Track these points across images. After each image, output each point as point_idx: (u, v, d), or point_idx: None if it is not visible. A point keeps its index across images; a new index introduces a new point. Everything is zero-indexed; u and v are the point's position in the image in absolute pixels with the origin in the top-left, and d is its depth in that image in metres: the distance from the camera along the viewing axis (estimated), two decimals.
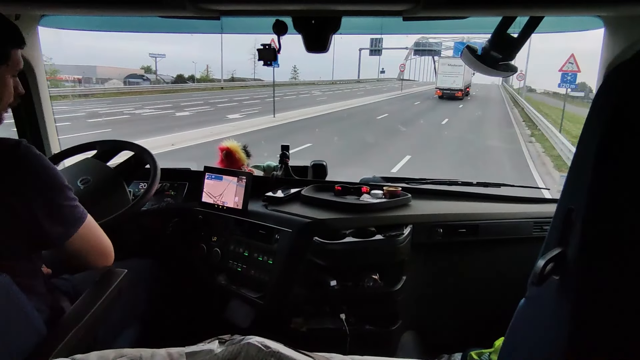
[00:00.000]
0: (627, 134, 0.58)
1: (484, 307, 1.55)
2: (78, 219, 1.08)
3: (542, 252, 0.68)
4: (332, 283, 1.49)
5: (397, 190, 1.66)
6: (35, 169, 1.00)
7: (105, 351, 0.57)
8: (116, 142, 1.64)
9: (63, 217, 1.05)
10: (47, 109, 1.73)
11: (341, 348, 0.67)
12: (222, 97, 25.51)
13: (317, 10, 1.05)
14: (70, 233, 1.06)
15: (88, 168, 1.54)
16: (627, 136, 0.58)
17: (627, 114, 0.58)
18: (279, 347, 0.54)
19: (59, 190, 1.04)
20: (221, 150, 1.87)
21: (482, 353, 1.41)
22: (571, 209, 0.62)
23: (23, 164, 0.98)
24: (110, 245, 1.20)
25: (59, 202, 1.04)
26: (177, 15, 1.15)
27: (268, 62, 1.26)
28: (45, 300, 1.10)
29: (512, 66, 1.08)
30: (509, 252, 1.65)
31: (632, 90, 0.58)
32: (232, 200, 1.68)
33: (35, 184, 1.00)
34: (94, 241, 1.14)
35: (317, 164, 2.00)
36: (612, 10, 1.06)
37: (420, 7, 0.90)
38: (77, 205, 1.09)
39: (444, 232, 1.59)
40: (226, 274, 1.67)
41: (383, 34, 1.50)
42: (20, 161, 0.98)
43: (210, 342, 0.57)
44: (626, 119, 0.58)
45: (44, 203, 1.00)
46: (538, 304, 0.74)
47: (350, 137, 12.55)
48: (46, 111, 1.73)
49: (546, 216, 1.65)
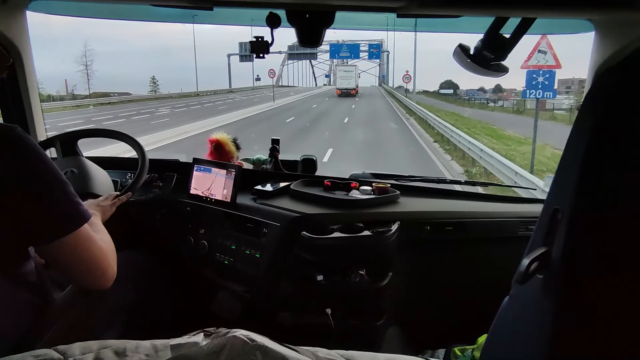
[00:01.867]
0: (615, 137, 0.58)
1: (468, 304, 1.57)
2: (79, 217, 0.95)
3: (527, 251, 0.69)
4: (318, 278, 1.50)
5: (386, 187, 1.66)
6: (31, 157, 0.92)
7: (89, 342, 0.57)
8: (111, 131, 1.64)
9: (58, 213, 0.93)
10: (34, 95, 1.70)
11: (327, 342, 0.67)
12: (103, 115, 20.97)
13: (311, 4, 1.05)
14: (64, 230, 0.92)
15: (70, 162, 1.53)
16: (615, 139, 0.58)
17: (616, 117, 0.59)
18: (265, 341, 0.54)
19: (58, 182, 0.94)
20: (211, 143, 1.85)
21: (465, 349, 1.43)
22: (557, 209, 0.63)
23: (17, 151, 0.91)
24: (113, 266, 1.02)
25: (56, 194, 0.93)
26: (170, 4, 1.13)
27: (260, 54, 1.24)
28: (35, 290, 1.07)
29: (503, 66, 1.08)
30: (494, 251, 1.67)
31: (621, 94, 0.59)
32: (221, 192, 1.67)
33: (30, 171, 0.92)
34: (91, 252, 0.97)
35: (307, 159, 2.00)
36: (603, 15, 1.08)
37: (415, 5, 0.90)
38: (78, 202, 0.96)
39: (432, 230, 1.60)
40: (213, 267, 1.66)
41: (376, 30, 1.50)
42: (15, 148, 0.90)
43: (195, 335, 0.57)
44: (614, 123, 0.59)
45: (37, 193, 0.91)
46: (522, 302, 0.75)
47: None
48: (33, 97, 1.69)
49: (532, 216, 1.67)
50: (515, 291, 0.77)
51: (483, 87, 56.11)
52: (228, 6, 1.12)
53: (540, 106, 15.82)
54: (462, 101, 39.97)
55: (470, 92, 53.02)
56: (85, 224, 0.96)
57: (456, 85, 62.02)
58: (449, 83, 63.77)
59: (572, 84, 50.21)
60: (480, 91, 53.85)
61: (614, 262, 0.60)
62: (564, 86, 51.72)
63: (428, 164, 10.19)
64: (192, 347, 0.54)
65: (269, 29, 1.13)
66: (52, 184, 0.94)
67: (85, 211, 0.97)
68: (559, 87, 52.88)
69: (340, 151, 11.04)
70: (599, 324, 0.62)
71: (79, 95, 35.87)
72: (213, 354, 0.52)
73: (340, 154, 10.51)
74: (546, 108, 27.27)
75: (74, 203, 0.96)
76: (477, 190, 1.91)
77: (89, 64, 38.18)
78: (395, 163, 9.93)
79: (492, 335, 0.83)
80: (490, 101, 39.13)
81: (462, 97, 46.67)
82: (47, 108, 19.60)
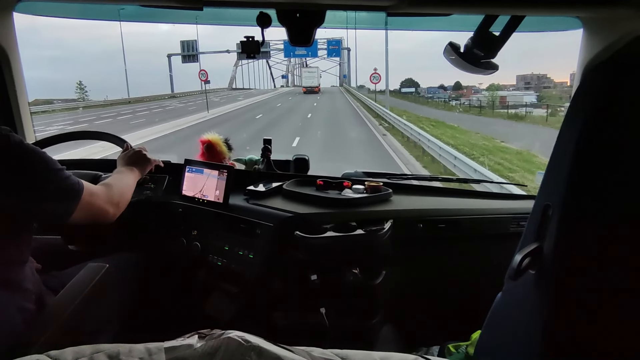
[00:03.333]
0: (605, 133, 0.59)
1: (461, 301, 1.58)
2: (77, 192, 1.08)
3: (520, 247, 0.70)
4: (312, 277, 1.49)
5: (379, 186, 1.67)
6: (26, 154, 1.00)
7: (82, 347, 0.56)
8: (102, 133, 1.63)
9: (61, 194, 1.05)
10: (22, 98, 1.68)
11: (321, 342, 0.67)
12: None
13: (301, 4, 1.05)
14: (71, 209, 1.07)
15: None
16: (604, 135, 0.59)
17: (605, 113, 0.59)
18: (259, 342, 0.54)
19: (53, 170, 1.05)
20: (202, 143, 1.84)
21: (459, 346, 1.44)
22: (548, 205, 0.64)
23: (13, 151, 0.98)
24: (116, 195, 1.24)
25: (54, 183, 1.04)
26: (159, 5, 1.12)
27: (252, 55, 1.24)
28: (30, 296, 1.07)
29: (493, 64, 1.09)
30: (487, 247, 1.68)
31: (609, 91, 0.60)
32: (213, 193, 1.66)
33: (27, 168, 1.00)
34: (98, 205, 1.15)
35: (300, 158, 2.00)
36: (590, 12, 1.09)
37: (406, 4, 0.91)
38: (69, 177, 1.09)
39: (424, 227, 1.61)
40: (206, 268, 1.65)
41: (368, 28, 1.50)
42: (9, 149, 0.97)
43: (189, 337, 0.56)
44: (604, 119, 0.59)
45: (38, 186, 1.01)
46: (514, 297, 0.75)
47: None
48: (21, 100, 1.67)
49: (524, 212, 1.68)
50: (508, 287, 0.78)
51: (443, 84, 56.89)
52: (218, 6, 1.12)
53: (501, 101, 15.51)
54: (424, 100, 40.04)
55: (431, 89, 53.37)
56: (83, 194, 1.10)
57: (417, 83, 63.17)
58: (410, 81, 64.38)
59: (530, 80, 50.61)
60: (441, 89, 54.18)
61: (605, 257, 0.60)
62: (523, 82, 51.52)
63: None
64: (187, 349, 0.53)
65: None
66: (52, 173, 1.05)
67: (77, 184, 1.10)
68: (518, 82, 52.96)
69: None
70: (591, 319, 0.63)
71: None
72: (208, 356, 0.52)
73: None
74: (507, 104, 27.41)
75: (68, 178, 1.08)
76: (468, 188, 1.92)
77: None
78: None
79: (485, 331, 0.84)
80: (451, 99, 39.22)
81: (424, 95, 46.93)
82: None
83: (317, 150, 11.44)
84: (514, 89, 48.42)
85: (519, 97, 33.77)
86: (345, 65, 67.90)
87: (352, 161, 10.47)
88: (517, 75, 55.43)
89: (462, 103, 35.04)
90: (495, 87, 39.53)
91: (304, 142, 12.63)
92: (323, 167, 5.45)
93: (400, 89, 58.57)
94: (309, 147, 11.63)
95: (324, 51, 48.24)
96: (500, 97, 33.98)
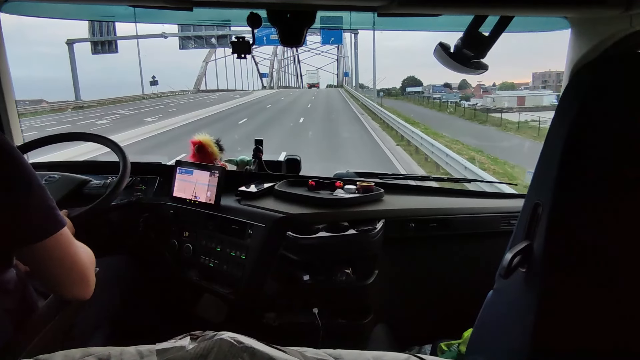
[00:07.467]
0: (593, 132, 0.60)
1: (453, 299, 1.59)
2: (58, 222, 0.93)
3: (510, 245, 0.70)
4: (305, 277, 1.49)
5: (371, 186, 1.67)
6: (13, 161, 0.90)
7: (72, 350, 0.55)
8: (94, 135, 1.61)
9: (41, 214, 0.91)
10: (9, 99, 1.66)
11: (314, 342, 0.67)
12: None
13: (292, 4, 1.05)
14: (48, 231, 0.91)
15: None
16: (592, 134, 0.60)
17: (593, 112, 0.60)
18: (252, 342, 0.54)
19: (37, 186, 0.92)
20: (193, 144, 1.83)
21: (451, 344, 1.45)
22: (538, 204, 0.64)
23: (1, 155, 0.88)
24: (93, 275, 1.02)
25: (36, 199, 0.91)
26: (148, 5, 1.12)
27: (242, 55, 1.23)
28: (17, 299, 1.05)
29: (482, 64, 1.10)
30: (478, 246, 1.70)
31: (597, 90, 0.60)
32: (205, 195, 1.65)
33: (9, 177, 0.89)
34: (70, 257, 0.96)
35: (291, 159, 1.99)
36: (577, 12, 1.10)
37: (396, 4, 0.91)
38: (55, 207, 0.94)
39: (416, 227, 1.62)
40: (198, 270, 1.65)
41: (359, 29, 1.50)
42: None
43: (181, 339, 0.56)
44: (591, 118, 0.60)
45: (16, 198, 0.89)
46: (505, 295, 0.76)
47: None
48: (8, 100, 1.65)
49: (514, 211, 1.69)
50: (499, 285, 0.79)
51: (447, 82, 53.49)
52: (208, 6, 1.11)
53: (519, 102, 14.81)
54: (432, 102, 34.19)
55: (436, 88, 50.24)
56: (65, 228, 0.95)
57: (420, 81, 59.86)
58: (413, 79, 61.12)
59: (549, 78, 47.42)
60: (446, 87, 51.38)
61: (594, 254, 0.61)
62: (540, 80, 48.34)
63: None
64: (179, 351, 0.53)
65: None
66: (31, 189, 0.91)
67: (62, 217, 0.95)
68: (534, 81, 49.56)
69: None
70: (580, 316, 0.63)
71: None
72: (200, 357, 0.52)
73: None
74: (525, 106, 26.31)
75: (52, 208, 0.94)
76: (460, 187, 1.93)
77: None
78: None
79: (477, 329, 0.85)
80: (462, 99, 35.86)
81: (431, 96, 42.10)
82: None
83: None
84: (527, 88, 44.77)
85: (538, 97, 31.89)
86: (347, 60, 65.38)
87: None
88: (533, 73, 51.85)
89: (475, 105, 30.24)
90: (508, 86, 37.14)
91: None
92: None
93: (404, 87, 55.95)
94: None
95: (317, 37, 40.40)
96: (518, 97, 31.49)
